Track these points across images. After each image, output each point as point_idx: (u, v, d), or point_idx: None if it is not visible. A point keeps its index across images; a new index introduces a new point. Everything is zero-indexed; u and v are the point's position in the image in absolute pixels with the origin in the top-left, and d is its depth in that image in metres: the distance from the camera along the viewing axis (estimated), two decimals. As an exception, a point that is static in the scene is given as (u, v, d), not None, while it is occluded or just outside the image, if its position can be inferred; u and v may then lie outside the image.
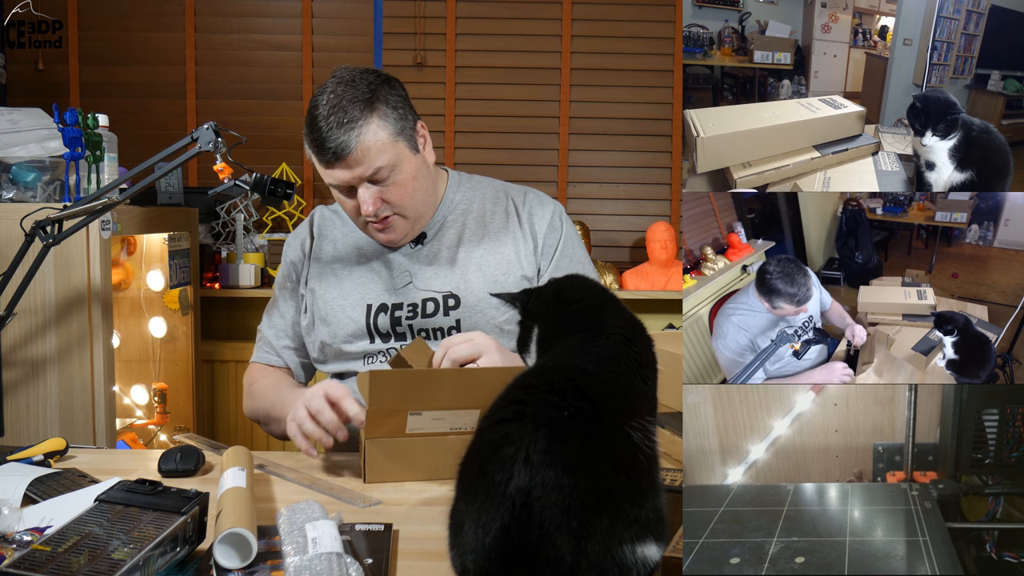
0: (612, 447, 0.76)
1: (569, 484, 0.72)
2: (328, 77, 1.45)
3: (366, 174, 1.40)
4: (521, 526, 0.71)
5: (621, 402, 0.81)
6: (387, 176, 1.42)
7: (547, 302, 0.99)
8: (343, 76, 1.43)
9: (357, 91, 1.40)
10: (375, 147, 1.39)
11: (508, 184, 1.64)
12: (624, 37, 3.43)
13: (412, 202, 1.47)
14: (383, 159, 1.40)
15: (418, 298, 1.50)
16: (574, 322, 0.93)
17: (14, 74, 3.40)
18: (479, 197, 1.59)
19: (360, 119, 1.38)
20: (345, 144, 1.37)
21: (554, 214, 1.58)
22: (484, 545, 0.72)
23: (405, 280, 1.52)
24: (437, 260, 1.53)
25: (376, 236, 1.51)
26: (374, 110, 1.40)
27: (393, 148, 1.42)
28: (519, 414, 0.75)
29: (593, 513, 0.72)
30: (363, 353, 1.52)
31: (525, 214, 1.57)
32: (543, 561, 0.71)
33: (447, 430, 1.23)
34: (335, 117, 1.37)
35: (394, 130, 1.42)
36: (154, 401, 2.78)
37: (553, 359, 0.90)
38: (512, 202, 1.59)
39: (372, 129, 1.39)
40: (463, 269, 1.51)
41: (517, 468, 0.72)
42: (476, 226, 1.56)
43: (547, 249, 1.55)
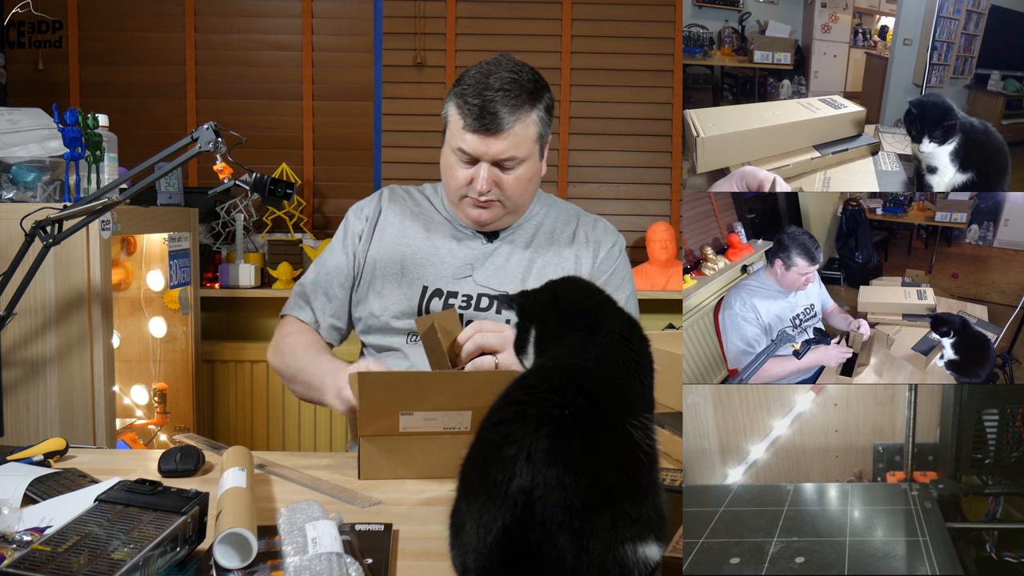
0: (613, 446, 0.76)
1: (571, 483, 0.72)
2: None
3: (501, 156, 1.46)
4: (523, 525, 0.71)
5: (621, 400, 0.81)
6: (514, 166, 1.49)
7: (544, 303, 1.00)
8: (510, 59, 1.50)
9: (524, 78, 1.47)
10: (523, 136, 1.46)
11: (582, 211, 1.72)
12: (624, 37, 3.43)
13: (519, 198, 1.54)
14: (521, 150, 1.47)
15: (474, 291, 1.54)
16: (571, 322, 0.94)
17: (14, 74, 3.40)
18: (553, 214, 1.66)
19: (525, 104, 1.46)
20: (504, 120, 1.43)
21: (615, 245, 1.67)
22: (486, 544, 0.72)
23: (466, 272, 1.56)
24: (500, 260, 1.57)
25: (469, 211, 1.54)
26: (535, 107, 1.48)
27: (532, 146, 1.49)
28: (520, 414, 0.76)
29: (595, 512, 0.72)
30: (408, 331, 1.55)
31: (593, 238, 1.64)
32: (545, 560, 0.71)
33: (440, 429, 1.23)
34: (506, 92, 1.44)
35: (540, 131, 1.50)
36: (154, 401, 2.78)
37: (552, 359, 0.90)
38: (581, 224, 1.66)
39: (530, 119, 1.47)
40: (524, 275, 1.57)
41: (519, 467, 0.72)
42: (545, 239, 1.62)
43: (599, 274, 1.62)
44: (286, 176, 3.34)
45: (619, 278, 1.65)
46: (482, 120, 1.43)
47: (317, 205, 3.44)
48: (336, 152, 3.45)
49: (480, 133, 1.44)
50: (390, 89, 3.38)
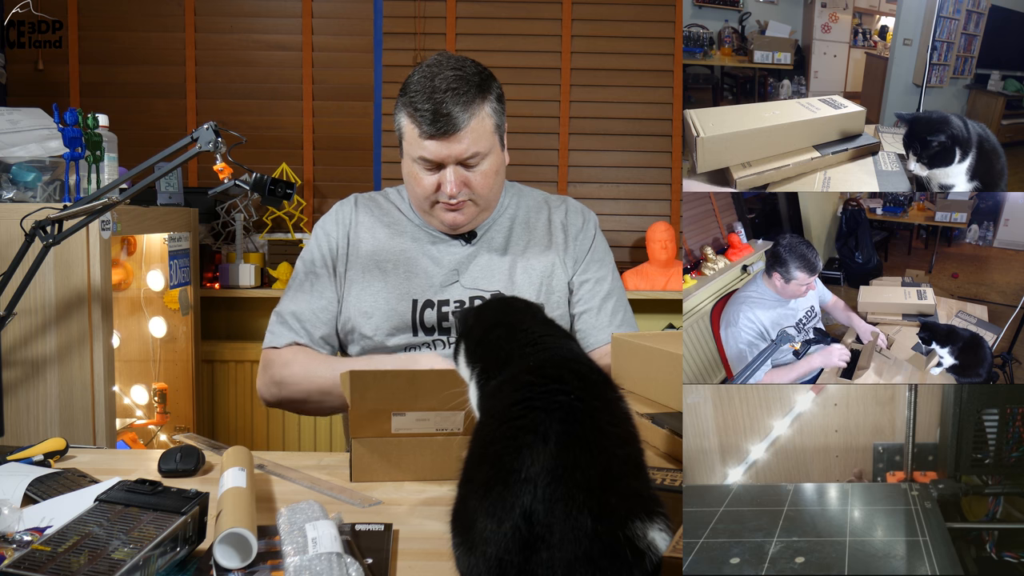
0: (615, 423, 0.77)
1: (587, 462, 0.72)
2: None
3: (464, 155, 1.44)
4: (543, 508, 0.71)
5: (604, 377, 0.84)
6: (478, 163, 1.46)
7: (471, 321, 1.00)
8: (450, 57, 1.47)
9: (468, 73, 1.44)
10: (481, 131, 1.44)
11: (548, 194, 1.70)
12: (624, 37, 3.43)
13: (489, 193, 1.51)
14: (482, 145, 1.45)
15: (465, 296, 1.53)
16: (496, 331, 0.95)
17: (14, 74, 3.40)
18: (524, 204, 1.65)
19: (476, 100, 1.43)
20: (459, 120, 1.41)
21: (586, 223, 1.64)
22: (501, 534, 0.72)
23: (452, 279, 1.55)
24: (484, 260, 1.56)
25: (443, 216, 1.51)
26: (486, 99, 1.45)
27: (491, 138, 1.47)
28: (529, 407, 0.76)
29: (608, 489, 0.72)
30: (406, 346, 1.53)
31: (557, 217, 1.63)
32: (562, 544, 0.71)
33: (433, 430, 1.23)
34: (454, 91, 1.41)
35: (496, 121, 1.48)
36: (154, 401, 2.78)
37: (530, 359, 0.89)
38: (553, 211, 1.64)
39: (484, 112, 1.44)
40: (510, 270, 1.55)
41: (536, 452, 0.72)
42: (522, 231, 1.61)
43: (579, 255, 1.61)
44: (286, 176, 3.34)
45: (599, 253, 1.63)
46: (437, 124, 1.40)
47: (317, 205, 3.44)
48: (336, 152, 3.45)
49: (438, 138, 1.41)
50: (390, 89, 3.38)
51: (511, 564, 0.72)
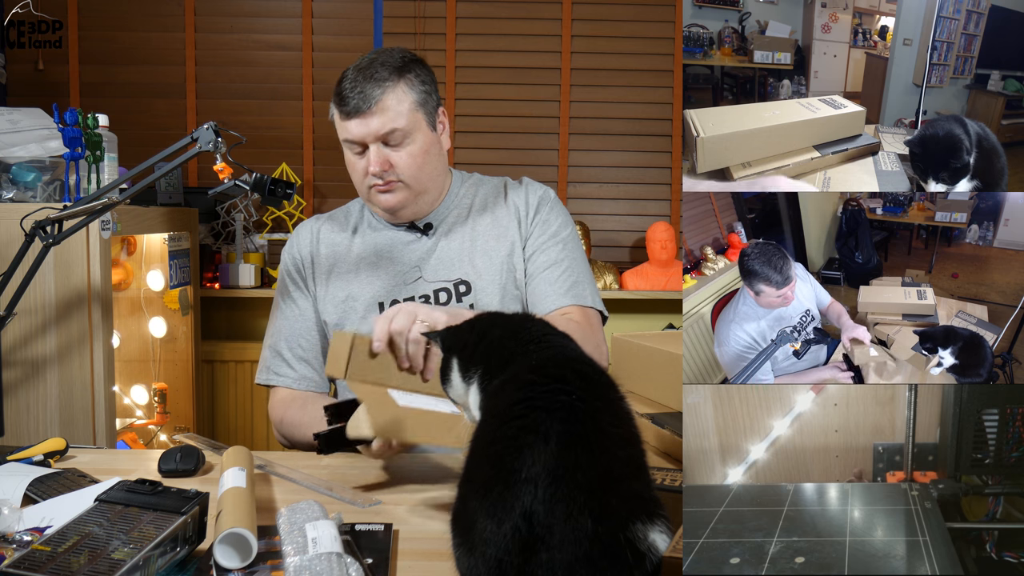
0: (617, 424, 0.77)
1: (588, 463, 0.72)
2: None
3: (381, 131, 1.44)
4: (544, 507, 0.71)
5: (607, 378, 0.83)
6: (400, 141, 1.46)
7: (464, 334, 0.97)
8: (384, 50, 1.50)
9: (391, 59, 1.47)
10: (395, 108, 1.45)
11: (509, 179, 1.68)
12: (624, 37, 3.43)
13: (419, 174, 1.50)
14: (400, 122, 1.45)
15: (429, 290, 1.53)
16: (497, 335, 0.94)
17: (14, 74, 3.40)
18: (482, 192, 1.64)
19: (388, 80, 1.45)
20: (368, 97, 1.43)
21: (540, 196, 1.62)
22: (501, 535, 0.72)
23: (415, 275, 1.55)
24: (444, 250, 1.56)
25: (376, 199, 1.52)
26: (402, 77, 1.46)
27: (412, 116, 1.47)
28: (531, 406, 0.76)
29: (608, 491, 0.72)
30: None
31: (512, 196, 1.62)
32: (562, 545, 0.70)
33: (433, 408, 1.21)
34: (364, 74, 1.44)
35: (417, 100, 1.48)
36: (154, 401, 2.78)
37: (533, 358, 0.89)
38: (507, 192, 1.64)
39: (398, 91, 1.45)
40: (470, 255, 1.55)
41: (537, 453, 0.72)
42: (478, 215, 1.60)
43: (536, 224, 1.58)
44: (286, 176, 3.34)
45: (551, 225, 1.59)
46: (351, 102, 1.43)
47: (317, 205, 3.44)
48: (336, 152, 3.40)
49: (354, 116, 1.44)
50: (390, 89, 3.38)
51: (511, 565, 0.71)
